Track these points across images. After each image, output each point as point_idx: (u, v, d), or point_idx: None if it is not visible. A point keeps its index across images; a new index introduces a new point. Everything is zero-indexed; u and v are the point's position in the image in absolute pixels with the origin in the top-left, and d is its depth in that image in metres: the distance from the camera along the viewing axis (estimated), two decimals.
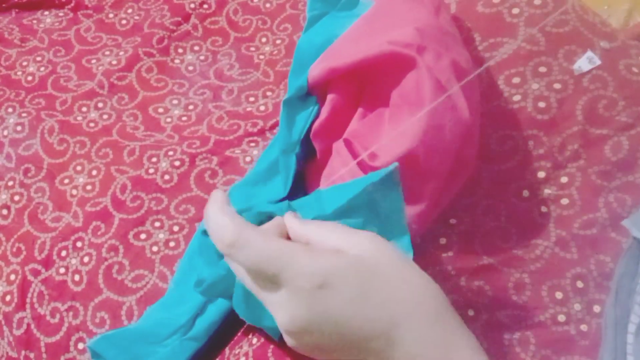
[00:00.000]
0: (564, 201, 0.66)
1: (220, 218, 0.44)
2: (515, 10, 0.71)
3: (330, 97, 0.63)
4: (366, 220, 0.49)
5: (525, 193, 0.67)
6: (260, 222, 0.52)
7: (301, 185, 0.67)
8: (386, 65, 0.60)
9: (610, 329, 0.57)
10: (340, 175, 0.58)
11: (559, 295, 0.63)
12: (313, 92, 0.65)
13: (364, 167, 0.58)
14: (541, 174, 0.67)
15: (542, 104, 0.69)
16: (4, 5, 1.00)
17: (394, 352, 0.40)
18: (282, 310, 0.41)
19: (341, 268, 0.40)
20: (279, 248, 0.41)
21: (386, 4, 0.66)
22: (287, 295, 0.41)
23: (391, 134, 0.57)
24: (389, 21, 0.63)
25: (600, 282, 0.62)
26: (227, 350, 0.66)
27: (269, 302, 0.43)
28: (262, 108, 0.84)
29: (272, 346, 0.60)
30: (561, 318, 0.62)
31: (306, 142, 0.65)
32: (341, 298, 0.40)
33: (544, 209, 0.66)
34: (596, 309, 0.62)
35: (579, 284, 0.63)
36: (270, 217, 0.53)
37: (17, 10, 1.00)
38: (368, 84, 0.64)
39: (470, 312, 0.60)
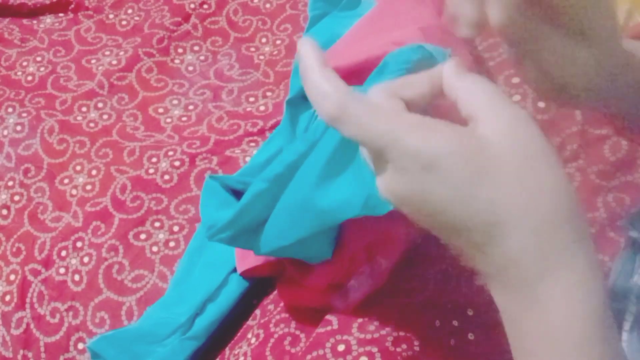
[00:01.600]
0: None
1: (321, 85, 0.39)
2: None
3: None
4: None
5: None
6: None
7: None
8: None
9: None
10: None
11: None
12: None
13: None
14: None
15: (541, 104, 0.69)
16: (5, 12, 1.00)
17: (491, 249, 0.37)
18: (383, 181, 0.39)
19: (452, 152, 0.36)
20: (386, 125, 0.37)
21: (388, 3, 0.66)
22: (391, 171, 0.39)
23: None
24: (392, 21, 0.63)
25: None
26: (227, 350, 0.66)
27: (373, 167, 0.40)
28: (262, 108, 0.84)
29: (270, 345, 0.60)
30: None
31: None
32: (444, 184, 0.37)
33: None
34: None
35: None
36: None
37: (17, 14, 1.00)
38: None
39: (470, 312, 0.60)
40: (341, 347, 0.56)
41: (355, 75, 0.62)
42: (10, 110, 0.85)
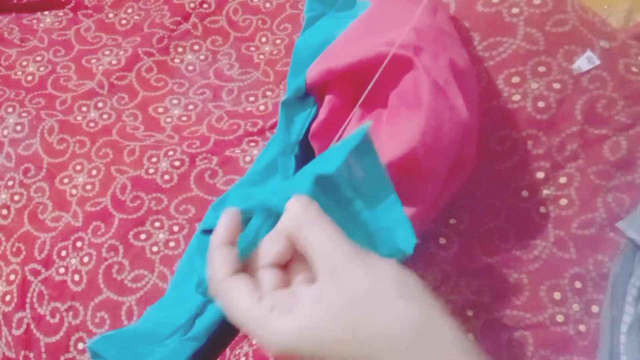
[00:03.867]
0: (563, 202, 0.66)
1: (210, 261, 0.47)
2: (515, 10, 0.71)
3: (328, 98, 0.63)
4: (353, 195, 0.48)
5: (525, 193, 0.67)
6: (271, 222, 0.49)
7: None
8: None
9: (606, 329, 0.57)
10: None
11: (557, 295, 0.63)
12: (311, 93, 0.65)
13: None
14: (540, 175, 0.67)
15: (541, 104, 0.69)
16: (3, 6, 1.00)
17: None
18: None
19: (293, 342, 0.42)
20: (244, 316, 0.43)
21: (383, 4, 0.66)
22: None
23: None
24: (386, 22, 0.63)
25: (598, 282, 0.62)
26: (227, 351, 0.66)
27: None
28: (262, 108, 0.84)
29: None
30: (559, 318, 0.62)
31: (305, 143, 0.65)
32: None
33: (542, 209, 0.66)
34: (594, 309, 0.62)
35: (577, 284, 0.63)
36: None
37: (16, 11, 1.00)
38: (366, 85, 0.64)
39: (470, 313, 0.60)
40: None
41: (350, 76, 0.62)
42: (10, 110, 0.85)
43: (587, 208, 0.65)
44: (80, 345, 0.69)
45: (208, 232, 0.70)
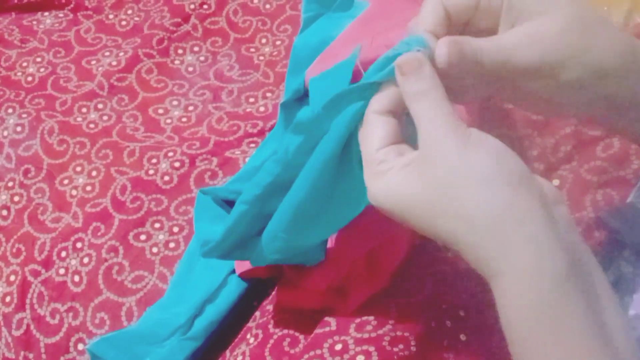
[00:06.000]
0: None
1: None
2: None
3: None
4: None
5: None
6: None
7: None
8: None
9: None
10: None
11: None
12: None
13: None
14: None
15: None
16: (3, 6, 1.00)
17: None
18: (378, 188, 0.44)
19: (380, 203, 0.42)
20: (364, 159, 0.44)
21: (381, 4, 0.66)
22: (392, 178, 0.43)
23: None
24: (385, 22, 0.63)
25: None
26: (227, 352, 0.66)
27: (369, 172, 0.46)
28: (261, 109, 0.85)
29: (269, 346, 0.60)
30: None
31: None
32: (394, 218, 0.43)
33: None
34: None
35: None
36: None
37: (16, 12, 1.00)
38: None
39: (462, 313, 0.60)
40: (338, 347, 0.56)
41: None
42: (10, 111, 0.86)
43: (576, 208, 0.65)
44: (80, 346, 0.69)
45: (206, 192, 0.70)
